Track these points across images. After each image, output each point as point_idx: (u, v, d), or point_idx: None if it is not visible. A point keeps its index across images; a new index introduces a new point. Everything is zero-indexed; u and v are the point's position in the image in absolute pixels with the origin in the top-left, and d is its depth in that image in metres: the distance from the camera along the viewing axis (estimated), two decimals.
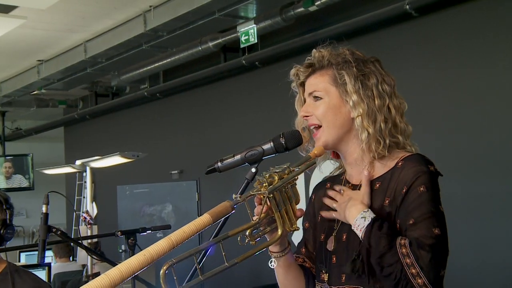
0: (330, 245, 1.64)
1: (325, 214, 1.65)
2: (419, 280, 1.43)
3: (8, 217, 2.52)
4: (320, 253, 1.68)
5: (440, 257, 1.46)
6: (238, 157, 1.60)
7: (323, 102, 1.63)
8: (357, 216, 1.52)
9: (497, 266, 4.29)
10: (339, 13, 5.38)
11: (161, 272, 1.30)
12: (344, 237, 1.61)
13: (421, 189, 1.52)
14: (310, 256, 1.75)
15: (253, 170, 1.59)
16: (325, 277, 1.65)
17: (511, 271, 4.22)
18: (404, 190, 1.54)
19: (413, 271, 1.43)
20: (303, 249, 1.76)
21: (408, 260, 1.43)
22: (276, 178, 1.48)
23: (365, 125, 1.59)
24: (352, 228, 1.54)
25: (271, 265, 1.66)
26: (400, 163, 1.58)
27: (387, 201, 1.56)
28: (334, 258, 1.63)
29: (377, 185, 1.60)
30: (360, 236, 1.52)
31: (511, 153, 4.30)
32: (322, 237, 1.68)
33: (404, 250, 1.44)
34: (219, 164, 1.61)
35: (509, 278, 4.25)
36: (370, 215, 1.52)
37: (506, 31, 4.39)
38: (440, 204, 1.54)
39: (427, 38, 4.84)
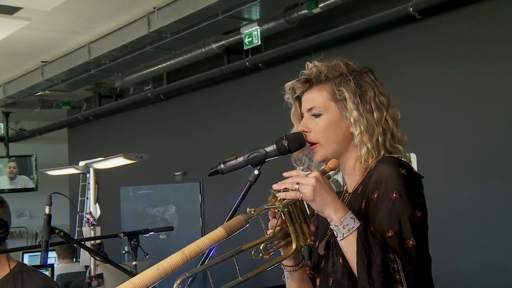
0: (321, 250, 1.64)
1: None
2: None
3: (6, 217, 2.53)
4: (314, 259, 1.69)
5: (415, 269, 1.44)
6: (240, 159, 1.60)
7: (323, 118, 1.63)
8: (346, 214, 1.46)
9: (498, 267, 4.28)
10: (342, 15, 5.38)
11: (174, 286, 1.30)
12: (332, 241, 1.60)
13: (394, 195, 1.49)
14: (313, 268, 1.75)
15: (256, 172, 1.59)
16: (317, 281, 1.66)
17: (510, 274, 4.22)
18: (375, 195, 1.52)
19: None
20: (309, 262, 1.76)
21: (397, 277, 1.42)
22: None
23: (364, 140, 1.59)
24: (337, 224, 1.46)
25: (284, 279, 1.66)
26: (374, 165, 1.58)
27: (363, 203, 1.55)
28: (323, 263, 1.63)
29: (359, 189, 1.60)
30: (343, 234, 1.45)
31: (510, 155, 4.30)
32: (317, 243, 1.68)
33: (395, 266, 1.43)
34: (222, 166, 1.61)
35: (509, 281, 4.24)
36: (356, 219, 1.48)
37: (508, 34, 4.39)
38: (416, 209, 1.49)
39: (430, 41, 4.84)
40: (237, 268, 1.39)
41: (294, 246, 1.49)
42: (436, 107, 4.75)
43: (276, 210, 1.47)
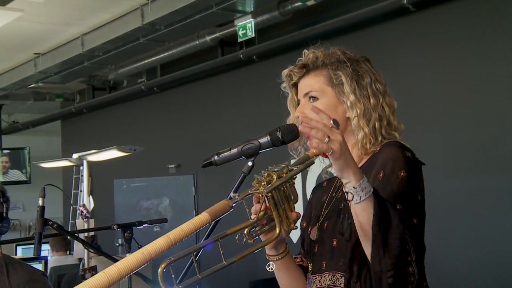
0: (313, 234, 1.65)
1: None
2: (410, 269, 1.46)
3: (4, 210, 2.52)
4: (307, 245, 1.70)
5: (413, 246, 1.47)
6: (234, 150, 1.60)
7: (319, 102, 1.63)
8: (363, 177, 1.42)
9: (492, 260, 4.30)
10: (336, 7, 5.37)
11: (159, 270, 1.30)
12: (326, 225, 1.61)
13: (402, 174, 1.51)
14: (306, 254, 1.75)
15: (250, 163, 1.59)
16: (310, 267, 1.66)
17: (506, 266, 4.24)
18: (381, 175, 1.53)
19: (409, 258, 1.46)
20: (301, 249, 1.76)
21: (407, 247, 1.45)
22: (275, 177, 1.48)
23: (361, 124, 1.60)
24: (355, 186, 1.40)
25: (269, 269, 1.66)
26: (378, 149, 1.60)
27: None
28: (316, 247, 1.63)
29: None
30: (360, 198, 1.40)
31: (507, 148, 4.31)
32: (310, 229, 1.68)
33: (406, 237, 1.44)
34: (216, 157, 1.61)
35: (504, 273, 4.26)
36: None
37: (503, 26, 4.39)
38: (418, 192, 1.53)
39: (424, 33, 4.84)
40: (221, 252, 1.39)
41: (277, 230, 1.49)
42: (431, 100, 4.76)
43: (260, 195, 1.47)
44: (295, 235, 4.88)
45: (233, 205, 1.43)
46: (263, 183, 1.47)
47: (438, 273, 1.45)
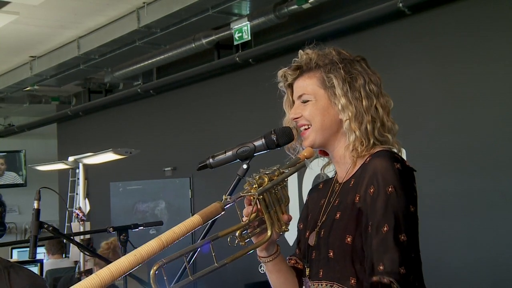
0: (311, 240, 1.65)
1: None
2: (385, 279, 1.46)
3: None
4: (304, 249, 1.70)
5: (406, 262, 1.46)
6: (229, 153, 1.60)
7: (312, 104, 1.64)
8: None
9: (487, 262, 4.31)
10: (332, 10, 5.38)
11: (151, 272, 1.31)
12: (322, 233, 1.61)
13: (390, 189, 1.50)
14: (302, 257, 1.75)
15: (245, 166, 1.60)
16: (307, 271, 1.66)
17: (501, 268, 4.25)
18: (372, 190, 1.52)
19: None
20: (297, 250, 1.77)
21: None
22: (266, 179, 1.49)
23: (352, 127, 1.60)
24: None
25: (261, 270, 1.67)
26: (368, 159, 1.58)
27: (357, 197, 1.56)
28: (314, 253, 1.63)
29: (352, 182, 1.61)
30: None
31: (502, 150, 4.33)
32: (307, 233, 1.69)
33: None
34: (211, 160, 1.62)
35: (499, 275, 4.27)
36: None
37: (498, 29, 4.41)
38: (410, 204, 1.51)
39: (420, 36, 4.86)
40: (213, 254, 1.39)
41: (269, 233, 1.51)
42: (426, 102, 4.77)
43: (251, 198, 1.48)
44: (291, 238, 4.88)
45: (225, 207, 1.44)
46: (254, 186, 1.48)
47: (433, 275, 1.45)
